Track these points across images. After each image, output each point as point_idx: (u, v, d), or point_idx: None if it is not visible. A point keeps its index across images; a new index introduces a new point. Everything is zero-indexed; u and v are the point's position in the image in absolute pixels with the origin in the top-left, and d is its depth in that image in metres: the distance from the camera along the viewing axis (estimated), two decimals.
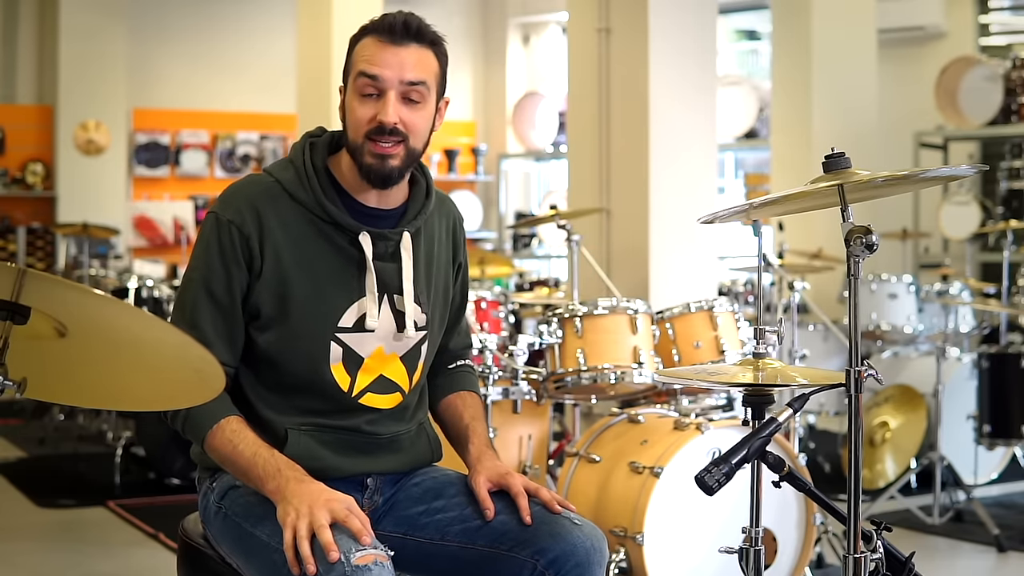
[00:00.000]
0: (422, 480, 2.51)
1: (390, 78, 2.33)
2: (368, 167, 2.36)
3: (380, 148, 2.34)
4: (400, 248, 2.42)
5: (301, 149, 2.44)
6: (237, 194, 2.40)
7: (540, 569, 2.32)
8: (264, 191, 2.39)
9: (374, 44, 2.35)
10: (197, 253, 2.40)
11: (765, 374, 2.39)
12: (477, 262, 7.48)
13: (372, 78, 2.33)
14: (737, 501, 2.78)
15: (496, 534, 2.38)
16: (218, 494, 2.40)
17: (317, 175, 2.40)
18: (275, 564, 2.20)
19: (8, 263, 1.84)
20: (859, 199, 2.37)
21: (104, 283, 7.64)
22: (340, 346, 2.39)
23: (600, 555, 2.35)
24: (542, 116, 11.55)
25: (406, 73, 2.33)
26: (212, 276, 2.37)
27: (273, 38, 11.13)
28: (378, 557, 2.13)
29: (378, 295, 2.40)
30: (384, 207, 2.44)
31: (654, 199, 6.12)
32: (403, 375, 2.47)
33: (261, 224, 2.36)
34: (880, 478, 5.97)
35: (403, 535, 2.41)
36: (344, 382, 2.40)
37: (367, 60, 2.34)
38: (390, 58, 2.33)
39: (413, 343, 2.47)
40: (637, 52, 6.15)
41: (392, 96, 2.33)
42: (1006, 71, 8.31)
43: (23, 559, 4.94)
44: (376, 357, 2.42)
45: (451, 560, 2.41)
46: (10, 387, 1.88)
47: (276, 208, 2.38)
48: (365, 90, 2.34)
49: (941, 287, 5.93)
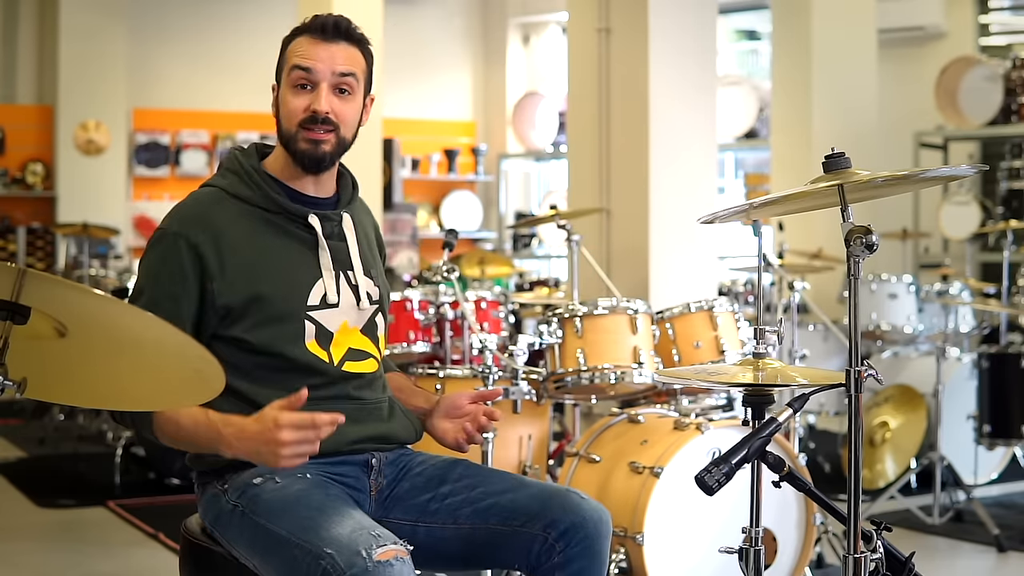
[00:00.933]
0: (423, 468, 2.57)
1: (322, 70, 2.49)
2: (302, 152, 2.51)
3: (313, 135, 2.49)
4: (343, 228, 2.56)
5: (233, 157, 2.58)
6: (184, 208, 2.52)
7: (551, 542, 2.42)
8: (207, 199, 2.52)
9: (307, 42, 2.53)
10: (142, 267, 2.49)
11: (765, 374, 2.39)
12: (477, 262, 7.49)
13: (306, 70, 2.50)
14: (737, 501, 2.78)
15: (507, 511, 2.46)
16: (233, 494, 2.41)
17: (257, 173, 2.54)
18: (295, 560, 2.22)
19: (8, 263, 1.84)
20: (859, 199, 2.37)
21: (104, 283, 7.65)
22: (313, 323, 2.49)
23: (607, 527, 2.47)
24: (542, 116, 11.55)
25: (337, 65, 2.50)
26: (156, 286, 2.44)
27: (273, 38, 10.91)
28: (399, 552, 2.17)
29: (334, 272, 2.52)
30: (320, 195, 2.58)
31: (654, 199, 6.12)
32: (369, 345, 2.58)
33: (212, 229, 2.45)
34: (880, 478, 5.97)
35: (414, 522, 2.48)
36: (323, 356, 2.49)
37: (301, 55, 2.51)
38: (322, 53, 2.50)
39: (368, 315, 2.58)
40: (637, 52, 6.15)
41: (324, 87, 2.50)
42: (1006, 71, 8.31)
43: (23, 559, 4.94)
44: (343, 331, 2.53)
45: (464, 542, 2.48)
46: (10, 387, 1.88)
47: (223, 211, 2.49)
48: (299, 82, 2.51)
49: (941, 287, 5.92)
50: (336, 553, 2.15)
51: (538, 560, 2.42)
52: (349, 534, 2.19)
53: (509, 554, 2.47)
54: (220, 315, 2.44)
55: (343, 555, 2.14)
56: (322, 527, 2.23)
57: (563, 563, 2.40)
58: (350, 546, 2.16)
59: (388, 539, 2.18)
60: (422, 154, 11.84)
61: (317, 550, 2.18)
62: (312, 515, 2.27)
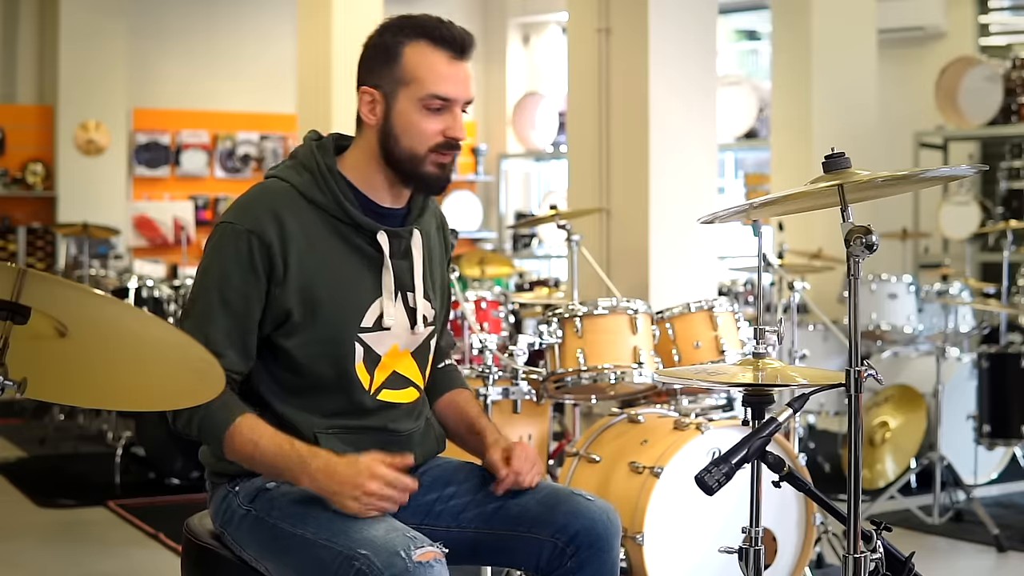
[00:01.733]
0: (428, 469, 2.54)
1: (459, 97, 2.40)
2: (428, 175, 2.40)
3: (444, 159, 2.40)
4: (411, 246, 2.46)
5: (310, 152, 2.44)
6: (254, 203, 2.39)
7: (561, 547, 2.39)
8: (281, 197, 2.39)
9: (442, 60, 2.39)
10: (210, 263, 2.37)
11: (765, 374, 2.39)
12: (477, 262, 7.49)
13: (444, 99, 2.38)
14: (737, 501, 2.78)
15: (513, 516, 2.43)
16: (245, 497, 2.39)
17: (332, 176, 2.41)
18: (321, 561, 2.21)
19: (8, 263, 1.84)
20: (859, 199, 2.37)
21: (104, 283, 7.65)
22: (362, 346, 2.41)
23: (616, 528, 2.44)
24: (542, 116, 11.54)
25: (469, 92, 2.42)
26: (227, 285, 2.34)
27: (273, 38, 11.13)
28: (436, 555, 2.16)
29: (395, 294, 2.43)
30: (395, 206, 2.47)
31: (654, 199, 6.12)
32: (415, 370, 2.50)
33: (283, 230, 2.35)
34: (880, 478, 5.97)
35: (419, 525, 2.43)
36: (365, 381, 2.42)
37: (438, 79, 2.37)
38: (459, 74, 2.40)
39: (423, 339, 2.51)
40: (637, 52, 6.15)
41: (458, 111, 2.41)
42: (1006, 71, 8.31)
43: (23, 559, 4.94)
44: (391, 354, 2.45)
45: (469, 545, 2.46)
46: (10, 387, 1.88)
47: (294, 213, 2.37)
48: (433, 104, 2.38)
49: (941, 287, 5.92)
50: (372, 554, 2.14)
51: (549, 565, 2.40)
52: (384, 535, 2.18)
53: (516, 558, 2.45)
54: (277, 321, 2.37)
55: (380, 556, 2.13)
56: (352, 528, 2.22)
57: (576, 568, 2.38)
58: (387, 547, 2.14)
59: (424, 540, 2.18)
60: None
61: (349, 551, 2.17)
62: (341, 516, 2.25)
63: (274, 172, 2.45)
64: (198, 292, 2.38)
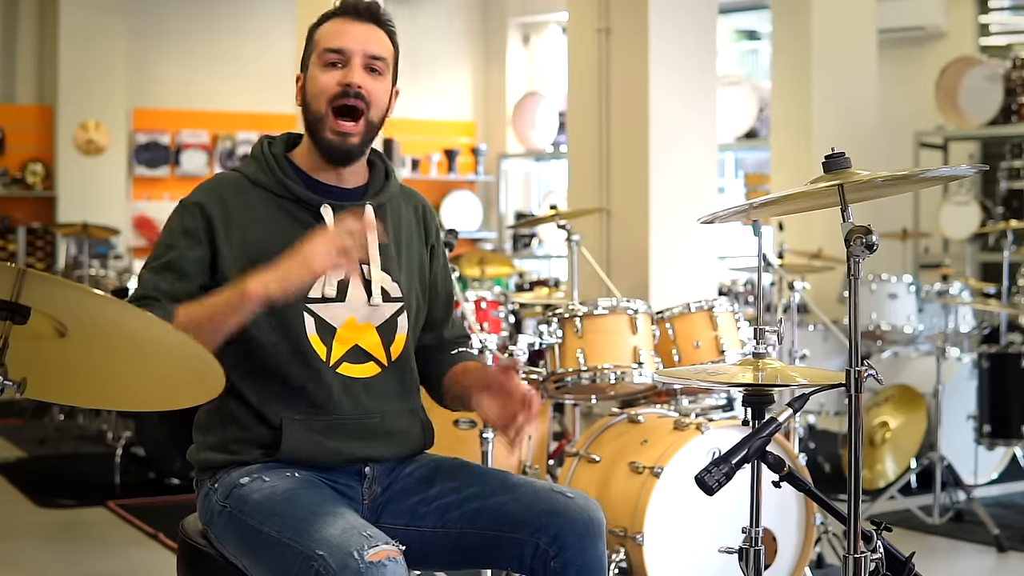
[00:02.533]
0: (414, 469, 2.53)
1: (355, 48, 2.45)
2: (329, 143, 2.46)
3: (341, 126, 2.44)
4: None
5: (259, 145, 2.55)
6: (202, 185, 2.51)
7: (543, 547, 2.36)
8: (227, 181, 2.51)
9: (338, 23, 2.48)
10: (161, 239, 2.47)
11: (765, 374, 2.39)
12: (477, 262, 7.49)
13: (338, 51, 2.45)
14: (737, 501, 2.78)
15: (495, 516, 2.41)
16: (221, 494, 2.40)
17: (276, 160, 2.50)
18: (285, 560, 2.20)
19: (8, 263, 1.84)
20: (859, 199, 2.37)
21: (104, 283, 7.65)
22: (312, 316, 2.43)
23: (598, 524, 2.40)
24: (542, 116, 11.54)
25: (369, 46, 2.46)
26: (175, 253, 2.42)
27: (273, 38, 11.12)
28: (390, 553, 2.14)
29: None
30: (343, 186, 2.53)
31: (654, 199, 6.12)
32: (378, 346, 2.50)
33: (225, 207, 2.44)
34: (880, 478, 5.97)
35: (405, 527, 2.43)
36: (322, 352, 2.44)
37: (332, 35, 2.47)
38: (354, 31, 2.46)
39: (388, 314, 2.50)
40: (637, 52, 6.15)
41: (357, 62, 2.45)
42: (1006, 71, 8.31)
43: (23, 559, 4.94)
44: (349, 327, 2.47)
45: (454, 546, 2.44)
46: (10, 387, 1.88)
47: (239, 194, 2.47)
48: (330, 60, 2.45)
49: (941, 287, 5.92)
50: (328, 555, 2.13)
51: (533, 564, 2.37)
52: (340, 535, 2.16)
53: (502, 558, 2.43)
54: None
55: (335, 556, 2.11)
56: (312, 528, 2.20)
57: (561, 568, 2.35)
58: (341, 547, 2.13)
59: (380, 539, 2.15)
60: (422, 154, 11.84)
61: (308, 551, 2.16)
62: (303, 515, 2.24)
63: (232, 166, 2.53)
64: (150, 259, 2.47)
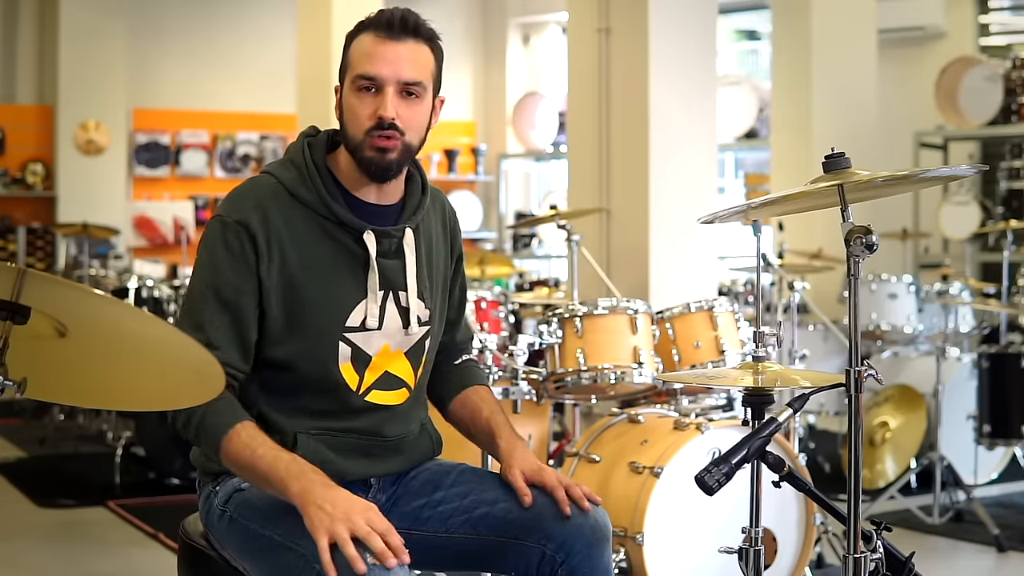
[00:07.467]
0: (418, 473, 2.51)
1: (388, 76, 2.33)
2: (368, 160, 2.36)
3: (380, 142, 2.34)
4: (403, 245, 2.43)
5: (300, 148, 2.43)
6: (241, 196, 2.38)
7: (550, 554, 2.34)
8: (268, 192, 2.38)
9: (371, 41, 2.35)
10: (202, 258, 2.36)
11: (764, 378, 2.39)
12: (477, 262, 7.48)
13: (370, 78, 2.33)
14: (737, 501, 2.78)
15: (500, 522, 2.39)
16: (222, 498, 2.38)
17: (319, 173, 2.39)
18: (287, 564, 2.20)
19: (8, 263, 1.84)
20: (859, 199, 2.37)
21: (104, 283, 7.65)
22: (348, 345, 2.38)
23: (605, 531, 2.37)
24: (542, 116, 11.54)
25: (403, 72, 2.33)
26: (220, 279, 2.33)
27: (273, 38, 11.12)
28: None
29: (383, 292, 2.40)
30: (383, 203, 2.45)
31: (654, 199, 6.12)
32: (408, 371, 2.47)
33: (268, 224, 2.34)
34: (880, 478, 5.97)
35: (408, 531, 2.39)
36: (353, 381, 2.39)
37: (365, 59, 2.34)
38: (388, 54, 2.33)
39: (417, 339, 2.47)
40: (637, 52, 6.15)
41: (390, 91, 2.33)
42: (1006, 71, 8.31)
43: (23, 559, 4.94)
44: (383, 354, 2.42)
45: (458, 552, 2.42)
46: (10, 387, 1.88)
47: (280, 208, 2.36)
48: (362, 85, 2.34)
49: (941, 287, 5.92)
50: None
51: (540, 571, 2.35)
52: None
53: (507, 564, 2.40)
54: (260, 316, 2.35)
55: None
56: None
57: (567, 574, 2.33)
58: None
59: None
60: (422, 154, 11.70)
61: (312, 555, 2.14)
62: None
63: (266, 168, 2.45)
64: (192, 289, 2.37)
